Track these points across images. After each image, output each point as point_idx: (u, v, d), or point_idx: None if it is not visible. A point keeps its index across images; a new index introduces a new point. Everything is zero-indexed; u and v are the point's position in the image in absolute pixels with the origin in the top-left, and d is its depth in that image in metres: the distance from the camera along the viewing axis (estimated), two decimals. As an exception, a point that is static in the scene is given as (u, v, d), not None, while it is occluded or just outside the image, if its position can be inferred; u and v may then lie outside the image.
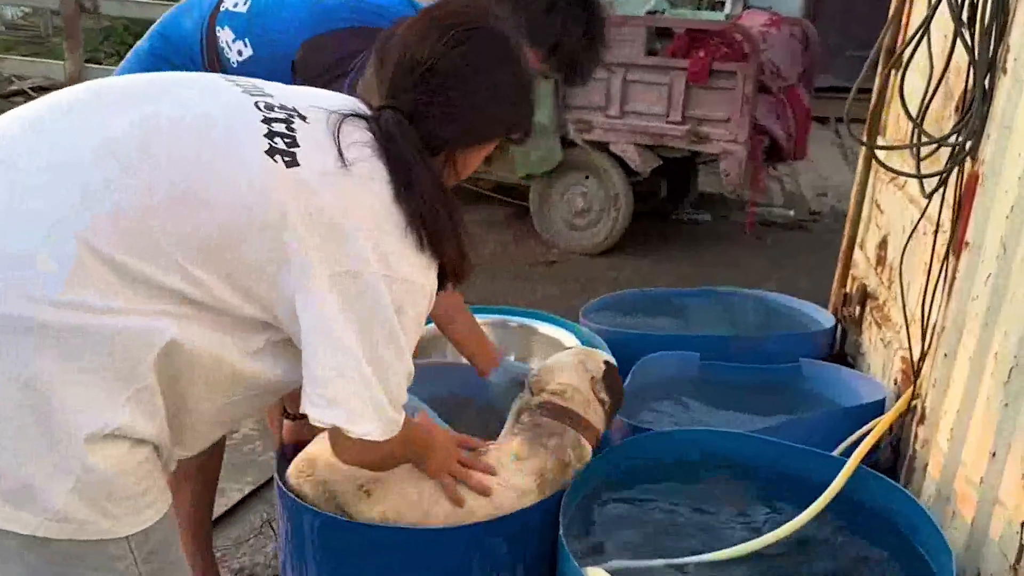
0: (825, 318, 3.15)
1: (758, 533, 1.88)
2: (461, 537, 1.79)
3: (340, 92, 1.54)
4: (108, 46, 10.17)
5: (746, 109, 5.33)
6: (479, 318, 2.95)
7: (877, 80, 2.84)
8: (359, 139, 1.37)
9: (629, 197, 5.76)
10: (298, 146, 1.32)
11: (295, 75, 1.93)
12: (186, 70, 1.98)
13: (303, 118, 1.37)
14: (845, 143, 8.73)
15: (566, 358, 2.09)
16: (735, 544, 1.85)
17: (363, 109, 1.44)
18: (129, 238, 1.21)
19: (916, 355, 2.25)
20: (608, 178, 5.74)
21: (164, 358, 1.24)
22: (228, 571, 2.61)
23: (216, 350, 1.30)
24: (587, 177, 5.82)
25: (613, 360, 2.12)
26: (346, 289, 1.31)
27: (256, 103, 1.36)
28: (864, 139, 2.80)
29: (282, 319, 1.34)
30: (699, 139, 5.51)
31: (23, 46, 10.39)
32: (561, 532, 1.77)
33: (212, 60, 1.99)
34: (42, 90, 8.86)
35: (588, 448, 1.97)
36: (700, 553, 1.84)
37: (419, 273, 1.37)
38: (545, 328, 2.75)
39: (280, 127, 1.33)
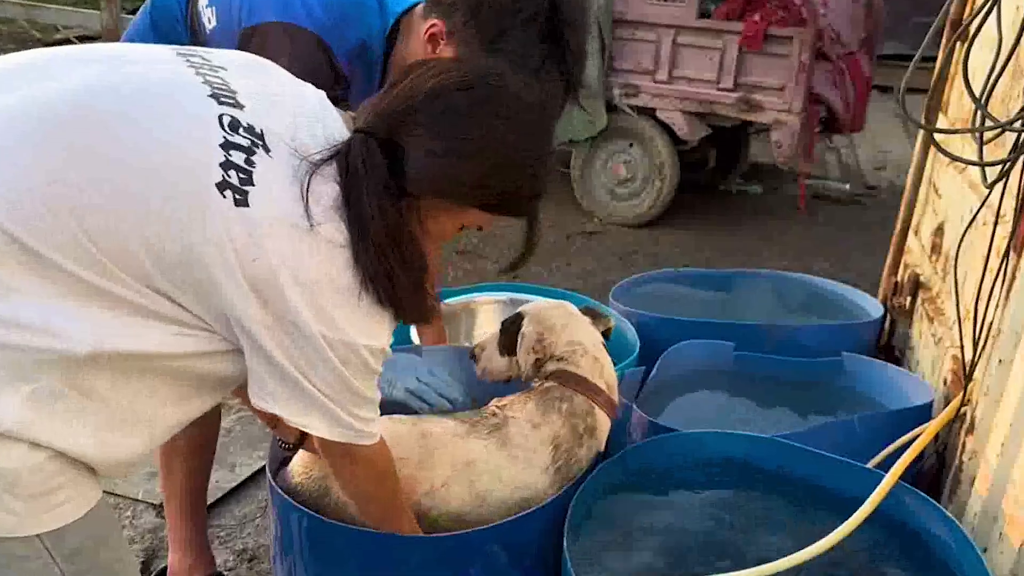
0: (873, 307, 2.96)
1: (781, 553, 1.72)
2: (456, 544, 1.67)
3: None
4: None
5: (802, 77, 5.10)
6: (494, 296, 2.84)
7: (940, 54, 2.62)
8: (327, 193, 1.27)
9: (675, 166, 5.56)
10: (253, 184, 1.22)
11: None
12: (169, 34, 1.86)
13: (267, 149, 1.26)
14: (908, 119, 8.36)
15: (559, 314, 1.97)
16: (754, 564, 1.70)
17: (335, 132, 1.33)
18: (39, 222, 1.13)
19: (968, 357, 2.06)
20: (653, 146, 5.54)
21: (73, 360, 1.16)
22: (231, 552, 2.53)
23: (143, 347, 1.22)
24: (631, 144, 5.62)
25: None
26: (284, 336, 1.26)
27: (221, 117, 1.24)
28: (922, 119, 2.58)
29: (217, 328, 1.27)
30: (751, 108, 5.29)
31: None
32: (566, 543, 1.64)
33: (193, 23, 1.85)
34: (86, 39, 8.87)
35: (601, 418, 1.87)
36: (716, 572, 1.69)
37: (368, 334, 1.32)
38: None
39: (239, 157, 1.23)
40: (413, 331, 2.48)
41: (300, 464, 1.79)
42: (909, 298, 2.87)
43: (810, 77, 5.15)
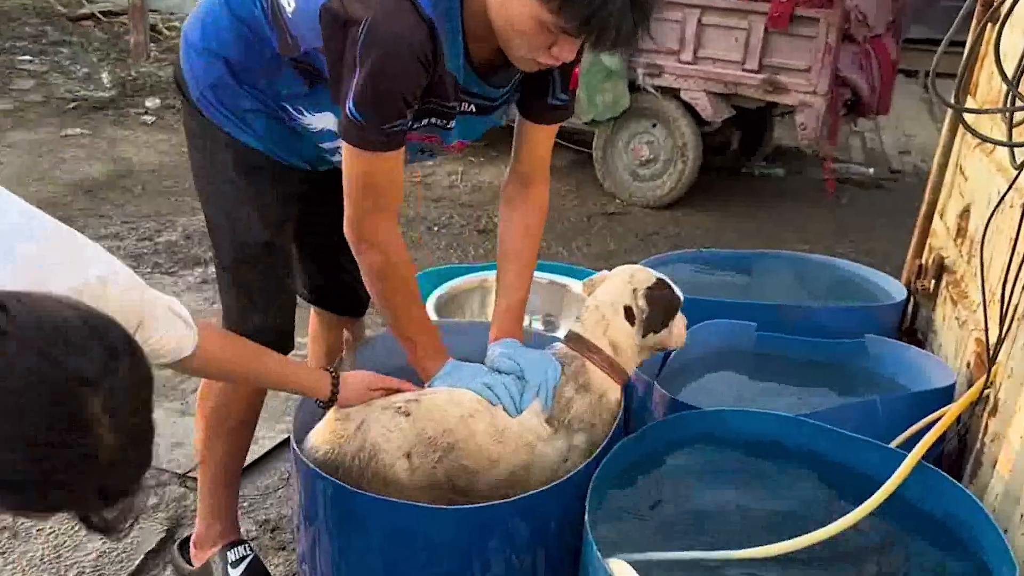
0: (897, 290, 2.94)
1: (801, 531, 1.72)
2: (478, 517, 1.69)
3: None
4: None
5: (828, 59, 5.05)
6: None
7: (971, 35, 2.59)
8: None
9: (698, 148, 5.52)
10: None
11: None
12: (247, 19, 1.85)
13: None
14: (933, 98, 8.28)
15: (617, 271, 2.05)
16: (774, 541, 1.70)
17: None
18: None
19: (992, 340, 2.05)
20: (677, 127, 5.51)
21: None
22: (254, 522, 2.56)
23: None
24: (655, 125, 5.60)
25: (668, 280, 2.05)
26: None
27: None
28: (952, 100, 2.56)
29: None
30: (776, 89, 5.25)
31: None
32: (587, 518, 1.64)
33: (274, 13, 1.82)
34: (112, 15, 8.88)
35: (596, 375, 1.90)
36: (735, 548, 1.70)
37: None
38: (579, 287, 2.60)
39: None
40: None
41: (324, 436, 1.81)
42: (933, 281, 2.85)
43: (836, 59, 5.10)
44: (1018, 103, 1.96)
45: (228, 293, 2.08)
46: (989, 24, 2.39)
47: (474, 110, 1.85)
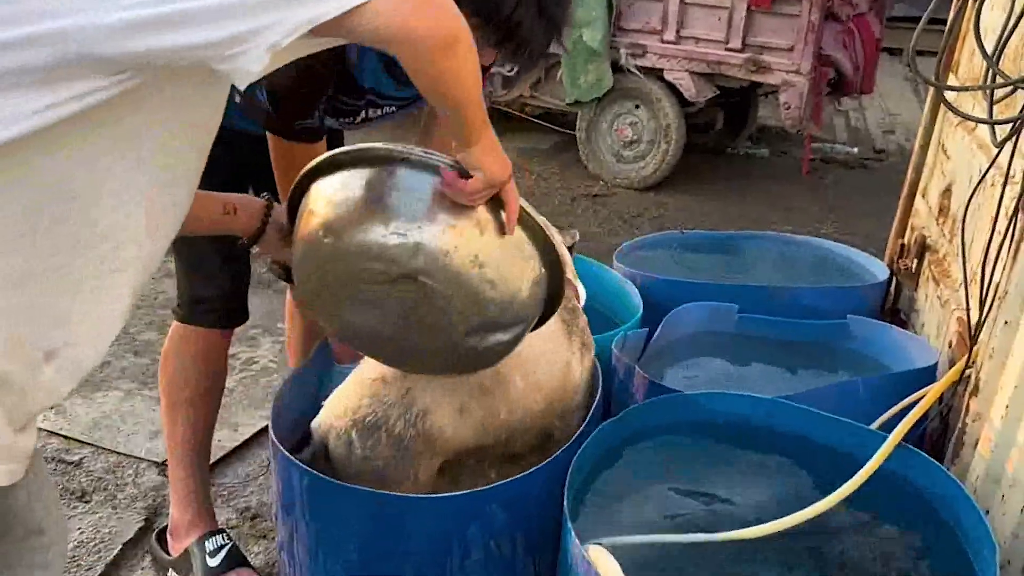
0: (880, 269, 2.93)
1: (782, 512, 1.72)
2: (456, 504, 1.67)
3: None
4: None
5: (811, 38, 5.03)
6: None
7: (951, 11, 2.57)
8: None
9: (681, 128, 5.50)
10: None
11: None
12: None
13: None
14: (914, 76, 8.28)
15: None
16: (756, 523, 1.70)
17: None
18: None
19: (974, 319, 2.04)
20: (660, 107, 5.48)
21: None
22: (234, 510, 2.54)
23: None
24: (638, 106, 5.57)
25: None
26: None
27: None
28: (933, 78, 2.54)
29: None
30: (759, 68, 5.23)
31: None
32: (566, 504, 1.63)
33: None
34: None
35: None
36: (718, 531, 1.69)
37: None
38: None
39: None
40: None
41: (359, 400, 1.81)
42: (915, 260, 2.84)
43: (820, 38, 5.08)
44: (998, 80, 1.94)
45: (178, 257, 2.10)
46: (969, 1, 2.37)
47: (395, 110, 1.94)
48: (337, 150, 1.48)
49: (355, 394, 1.79)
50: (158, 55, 0.97)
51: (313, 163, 1.50)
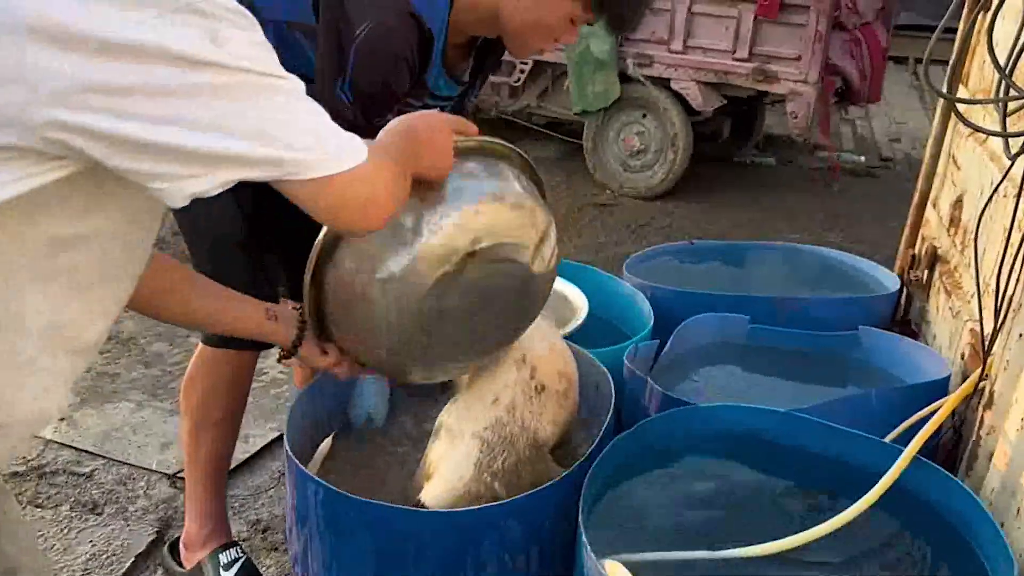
0: (890, 280, 2.93)
1: (797, 527, 1.71)
2: (470, 519, 1.67)
3: None
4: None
5: (818, 47, 5.04)
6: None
7: (962, 23, 2.57)
8: None
9: (689, 138, 5.51)
10: None
11: None
12: None
13: None
14: (926, 88, 8.27)
15: None
16: (771, 538, 1.69)
17: None
18: None
19: (987, 331, 2.04)
20: (667, 117, 5.49)
21: None
22: (245, 522, 2.54)
23: None
24: (645, 115, 5.57)
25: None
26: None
27: None
28: (944, 89, 2.54)
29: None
30: (766, 78, 5.24)
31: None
32: (580, 519, 1.63)
33: None
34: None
35: None
36: (732, 546, 1.69)
37: None
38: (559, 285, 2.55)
39: None
40: None
41: None
42: (926, 271, 2.84)
43: (826, 47, 5.08)
44: (1012, 92, 1.94)
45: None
46: (981, 12, 2.37)
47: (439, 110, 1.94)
48: (317, 243, 1.53)
49: (474, 448, 1.77)
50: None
51: (311, 263, 1.55)
